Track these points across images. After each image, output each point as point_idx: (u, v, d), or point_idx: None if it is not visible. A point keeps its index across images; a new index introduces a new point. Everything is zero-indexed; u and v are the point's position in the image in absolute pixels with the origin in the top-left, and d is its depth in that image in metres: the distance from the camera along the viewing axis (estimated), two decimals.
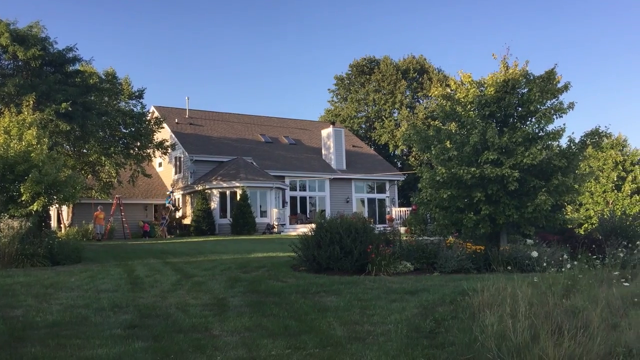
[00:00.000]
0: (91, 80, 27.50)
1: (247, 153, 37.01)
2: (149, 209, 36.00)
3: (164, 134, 35.09)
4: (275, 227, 32.36)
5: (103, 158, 28.21)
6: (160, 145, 31.58)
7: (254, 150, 38.43)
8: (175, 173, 37.33)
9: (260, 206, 33.01)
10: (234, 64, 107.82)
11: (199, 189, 32.87)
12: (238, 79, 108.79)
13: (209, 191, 32.75)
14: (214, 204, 32.51)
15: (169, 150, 33.73)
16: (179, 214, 34.63)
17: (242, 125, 43.08)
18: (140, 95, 31.43)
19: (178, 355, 5.89)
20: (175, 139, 36.29)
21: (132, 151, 30.03)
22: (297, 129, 46.01)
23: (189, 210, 34.49)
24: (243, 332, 6.88)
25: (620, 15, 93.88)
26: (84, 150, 28.43)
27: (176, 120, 38.74)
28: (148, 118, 32.33)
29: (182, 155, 36.11)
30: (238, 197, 31.29)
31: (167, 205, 34.12)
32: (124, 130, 30.32)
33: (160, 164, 39.53)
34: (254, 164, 35.76)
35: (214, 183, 32.54)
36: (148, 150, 31.28)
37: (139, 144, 30.34)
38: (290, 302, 8.76)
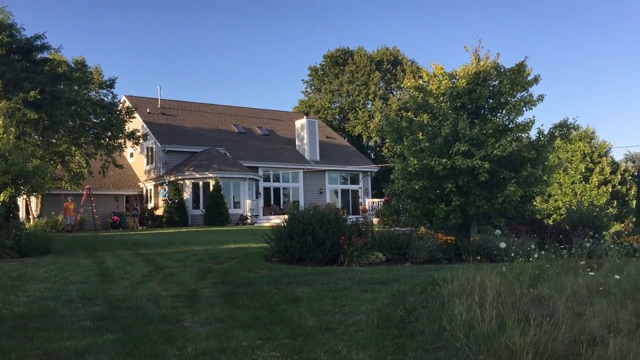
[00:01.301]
0: (60, 69, 26.93)
1: (220, 144, 36.75)
2: (120, 199, 35.55)
3: (136, 124, 34.61)
4: (249, 218, 32.25)
5: (73, 148, 27.72)
6: (132, 135, 31.15)
7: (227, 140, 38.17)
8: (147, 164, 36.89)
9: (234, 197, 32.86)
10: (207, 53, 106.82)
11: (172, 179, 32.56)
12: (211, 69, 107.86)
13: (182, 182, 32.47)
14: (187, 195, 32.27)
15: (141, 141, 33.26)
16: (156, 206, 33.61)
17: (215, 116, 42.75)
18: (111, 84, 30.91)
19: (148, 346, 5.85)
20: (147, 129, 35.81)
21: (102, 141, 29.58)
22: (271, 119, 45.82)
23: (161, 201, 34.14)
24: (214, 323, 6.86)
25: (591, 10, 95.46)
26: (53, 140, 27.91)
27: (148, 110, 38.25)
28: (119, 108, 31.85)
29: (154, 146, 35.69)
30: (211, 188, 31.11)
31: (163, 198, 32.79)
32: (95, 120, 29.81)
33: (131, 155, 39.01)
34: (227, 154, 35.54)
35: (187, 174, 32.27)
36: (119, 141, 30.85)
37: (109, 134, 29.87)
38: (262, 293, 8.75)
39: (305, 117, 41.85)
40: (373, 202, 37.98)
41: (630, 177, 39.08)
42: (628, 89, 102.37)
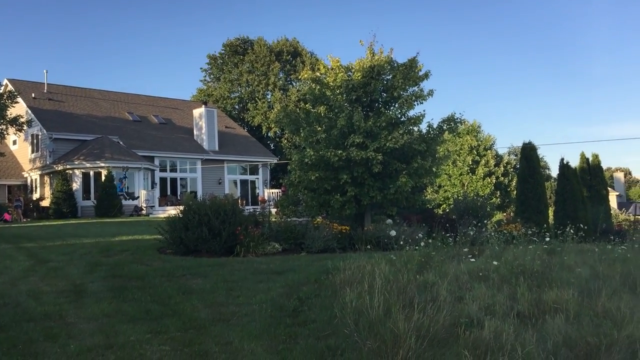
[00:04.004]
0: None
1: (113, 132, 35.25)
2: (2, 190, 33.23)
3: (19, 109, 32.43)
4: (144, 209, 31.27)
5: None
6: (15, 121, 29.15)
7: (121, 129, 36.69)
8: (32, 152, 34.68)
9: (128, 187, 31.69)
10: (100, 38, 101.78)
11: (59, 169, 30.85)
12: (104, 54, 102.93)
13: (71, 171, 30.87)
14: (76, 185, 30.73)
15: (25, 127, 31.18)
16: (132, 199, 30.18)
17: (108, 103, 40.89)
18: None
19: (27, 345, 5.54)
20: (32, 115, 33.64)
21: None
22: (168, 108, 44.55)
23: (47, 191, 32.27)
24: (101, 319, 6.60)
25: (484, 11, 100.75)
26: None
27: (33, 95, 35.91)
28: (0, 92, 29.65)
29: (40, 133, 33.60)
30: (103, 178, 29.84)
31: (119, 193, 29.99)
32: None
33: (14, 142, 36.53)
34: (121, 143, 34.19)
35: (76, 163, 30.70)
36: (0, 127, 28.73)
37: None
38: (154, 285, 8.52)
39: (203, 106, 41.07)
40: (272, 193, 38.08)
41: (512, 170, 41.79)
42: (511, 87, 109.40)
